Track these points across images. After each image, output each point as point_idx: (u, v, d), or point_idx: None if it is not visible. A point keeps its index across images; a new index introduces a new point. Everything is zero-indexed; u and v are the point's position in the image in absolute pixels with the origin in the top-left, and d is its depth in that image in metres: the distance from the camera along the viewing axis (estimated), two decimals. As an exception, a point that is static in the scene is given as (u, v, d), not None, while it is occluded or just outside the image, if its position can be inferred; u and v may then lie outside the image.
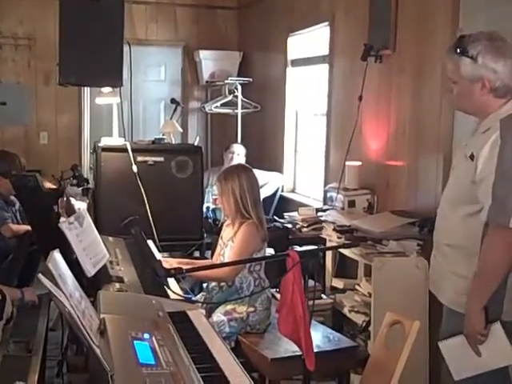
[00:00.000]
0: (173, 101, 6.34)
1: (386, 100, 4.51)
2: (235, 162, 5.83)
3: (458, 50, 2.40)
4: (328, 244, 4.38)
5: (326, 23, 5.39)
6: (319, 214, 4.81)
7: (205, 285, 3.88)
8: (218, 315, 3.39)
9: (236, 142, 6.46)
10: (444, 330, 2.62)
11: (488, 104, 2.44)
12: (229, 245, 3.57)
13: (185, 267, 2.55)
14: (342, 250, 4.32)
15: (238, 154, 6.05)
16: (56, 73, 4.46)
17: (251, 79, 6.79)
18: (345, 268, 4.68)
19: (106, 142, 4.81)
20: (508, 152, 2.30)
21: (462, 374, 2.49)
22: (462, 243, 2.48)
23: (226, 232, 3.66)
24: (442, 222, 2.61)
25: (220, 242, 3.70)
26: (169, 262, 3.47)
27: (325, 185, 5.27)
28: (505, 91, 2.42)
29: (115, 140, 4.93)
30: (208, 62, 7.20)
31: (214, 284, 3.57)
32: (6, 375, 2.13)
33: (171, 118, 6.09)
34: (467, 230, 2.45)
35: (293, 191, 6.38)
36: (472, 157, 2.39)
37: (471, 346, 2.43)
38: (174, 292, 2.72)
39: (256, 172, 3.77)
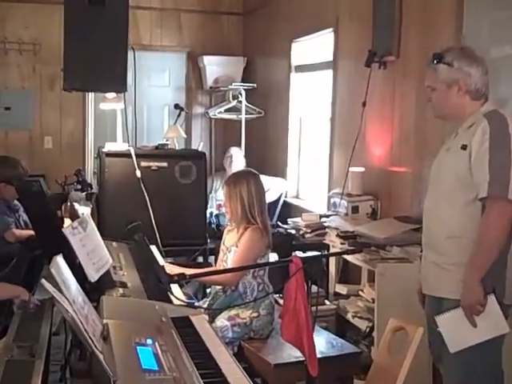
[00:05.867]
0: (177, 106, 6.35)
1: (390, 106, 4.51)
2: (234, 165, 5.87)
3: (436, 61, 2.65)
4: (331, 250, 4.38)
5: (330, 29, 5.40)
6: (323, 219, 4.81)
7: (208, 290, 3.88)
8: (222, 320, 3.38)
9: (238, 146, 6.46)
10: None
11: (465, 106, 2.64)
12: (232, 250, 3.56)
13: (188, 273, 2.55)
14: (345, 256, 4.31)
15: (237, 157, 6.08)
16: (61, 78, 4.47)
17: (255, 85, 6.79)
18: (348, 274, 4.68)
19: (109, 147, 4.83)
20: (498, 131, 2.49)
21: (457, 346, 2.57)
22: (462, 233, 2.58)
23: (229, 237, 3.64)
24: (438, 217, 2.69)
25: (222, 247, 3.68)
26: (173, 269, 3.46)
27: (328, 190, 5.27)
28: (479, 94, 2.63)
29: (119, 145, 4.94)
30: (212, 67, 7.21)
31: (217, 289, 3.56)
32: (9, 380, 2.12)
33: (175, 124, 6.10)
34: (466, 218, 2.57)
35: (296, 197, 6.37)
36: (464, 147, 2.55)
37: (468, 318, 2.52)
38: (176, 298, 2.71)
39: (259, 177, 3.77)
